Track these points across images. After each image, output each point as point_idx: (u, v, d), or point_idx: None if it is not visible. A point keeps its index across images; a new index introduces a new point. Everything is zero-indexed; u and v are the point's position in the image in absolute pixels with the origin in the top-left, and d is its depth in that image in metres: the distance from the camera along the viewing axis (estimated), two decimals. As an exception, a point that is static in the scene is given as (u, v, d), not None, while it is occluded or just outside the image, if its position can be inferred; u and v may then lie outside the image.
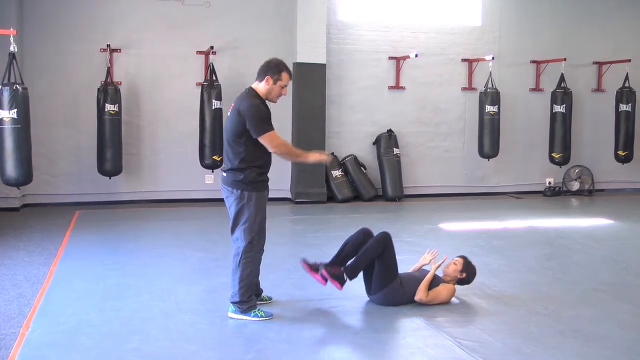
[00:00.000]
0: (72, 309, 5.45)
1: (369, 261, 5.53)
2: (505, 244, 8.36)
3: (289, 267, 6.83)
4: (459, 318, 5.40)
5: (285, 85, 5.31)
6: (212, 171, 10.69)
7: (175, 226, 9.22)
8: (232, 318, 5.26)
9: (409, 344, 4.88)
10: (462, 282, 5.83)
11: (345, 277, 5.53)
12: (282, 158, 5.33)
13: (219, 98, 10.33)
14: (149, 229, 9.03)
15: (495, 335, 5.00)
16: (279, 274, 6.56)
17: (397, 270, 5.62)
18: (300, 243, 8.33)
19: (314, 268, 5.63)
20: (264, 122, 5.14)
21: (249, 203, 5.25)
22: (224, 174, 5.34)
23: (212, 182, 10.99)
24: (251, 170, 5.23)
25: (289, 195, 11.40)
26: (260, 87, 5.28)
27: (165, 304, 5.64)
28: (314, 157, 5.39)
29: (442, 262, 5.82)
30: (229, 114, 5.30)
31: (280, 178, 11.35)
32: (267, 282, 6.29)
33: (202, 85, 10.44)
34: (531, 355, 4.62)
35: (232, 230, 5.37)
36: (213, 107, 10.28)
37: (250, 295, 5.32)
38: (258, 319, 5.21)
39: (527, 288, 6.32)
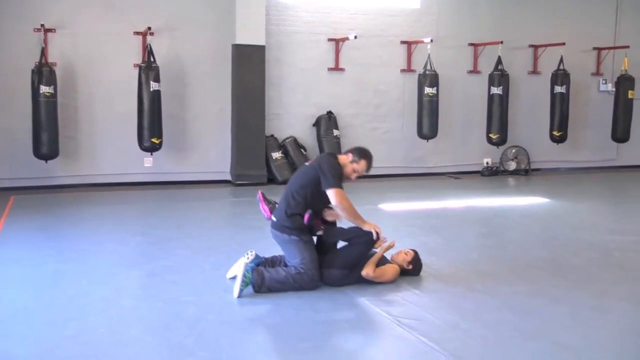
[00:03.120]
0: (7, 297, 5.32)
1: (349, 240, 5.68)
2: (444, 223, 8.50)
3: (230, 249, 6.80)
4: (398, 297, 5.47)
5: (357, 172, 5.70)
6: (151, 154, 10.54)
7: (114, 210, 9.08)
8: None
9: (348, 323, 4.92)
10: (406, 272, 5.92)
11: (317, 231, 5.73)
12: (341, 213, 5.62)
13: (157, 80, 10.17)
14: (87, 213, 8.88)
15: (433, 312, 5.09)
16: (220, 256, 6.53)
17: (358, 264, 5.69)
18: (240, 225, 8.30)
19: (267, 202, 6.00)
20: (336, 178, 5.53)
21: (299, 244, 5.56)
22: (274, 219, 5.72)
23: (151, 165, 10.85)
24: (297, 217, 5.59)
25: (229, 178, 11.33)
26: (343, 157, 5.75)
27: (104, 289, 5.56)
28: (370, 225, 5.62)
29: (390, 245, 5.89)
30: (306, 164, 5.86)
31: (220, 160, 11.29)
32: (208, 264, 6.29)
33: (140, 67, 10.25)
34: (469, 331, 4.72)
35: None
36: (151, 89, 10.12)
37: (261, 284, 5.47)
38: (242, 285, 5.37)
39: (465, 266, 6.44)
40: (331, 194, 5.50)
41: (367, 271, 5.64)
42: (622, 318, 5.11)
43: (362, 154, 5.74)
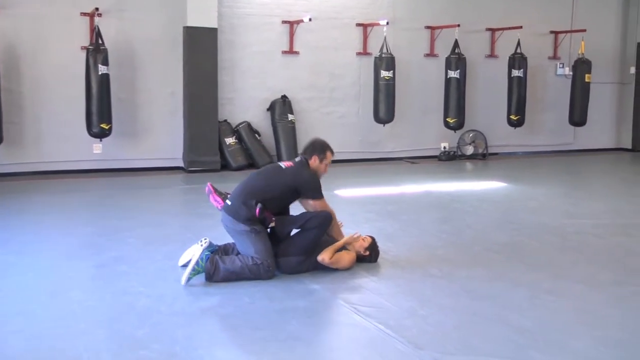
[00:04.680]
0: (-52, 290, 5.21)
1: (302, 226, 5.67)
2: (401, 209, 8.54)
3: (183, 238, 6.73)
4: (355, 284, 5.49)
5: (328, 164, 6.01)
6: (100, 140, 10.37)
7: (61, 199, 8.92)
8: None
9: (304, 311, 4.91)
10: (363, 259, 5.94)
11: (269, 223, 5.70)
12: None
13: (105, 63, 10.01)
14: (33, 203, 8.71)
15: (390, 299, 5.12)
16: (172, 245, 6.46)
17: (315, 248, 5.70)
18: (193, 213, 8.25)
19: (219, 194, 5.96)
20: (320, 190, 5.85)
21: (251, 236, 5.57)
22: (229, 202, 5.70)
23: (100, 151, 10.67)
24: (252, 207, 5.57)
25: (181, 164, 11.23)
26: (311, 163, 5.91)
27: (51, 282, 5.47)
28: (345, 239, 5.91)
29: (355, 237, 5.91)
30: (281, 165, 5.94)
31: (172, 146, 11.18)
32: (160, 254, 6.23)
33: (88, 50, 10.07)
34: (426, 317, 4.76)
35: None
36: (100, 73, 9.95)
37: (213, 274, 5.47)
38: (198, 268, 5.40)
39: (422, 251, 6.49)
40: (317, 205, 5.77)
41: (323, 256, 5.64)
42: (578, 300, 5.21)
43: (321, 147, 5.94)
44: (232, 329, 4.64)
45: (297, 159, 6.00)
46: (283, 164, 5.93)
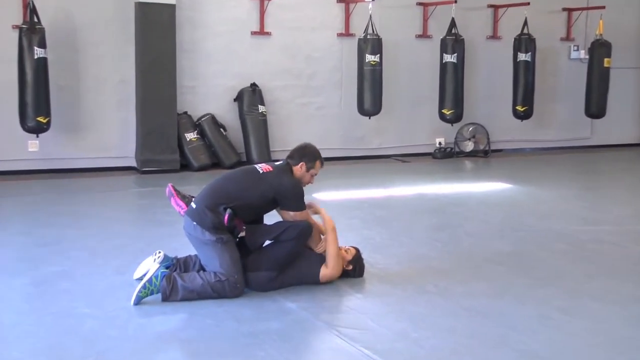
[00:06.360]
0: None
1: (277, 237, 5.70)
2: (390, 214, 8.58)
3: (136, 249, 6.71)
4: (337, 302, 5.51)
5: (315, 174, 6.07)
6: (37, 136, 10.31)
7: (-9, 205, 8.89)
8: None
9: (278, 335, 4.89)
10: (346, 274, 5.94)
11: (239, 233, 5.71)
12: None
13: (42, 45, 9.95)
14: (-42, 209, 8.67)
15: (379, 320, 5.13)
16: (124, 258, 6.45)
17: (287, 264, 5.72)
18: (148, 220, 8.23)
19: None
20: (302, 201, 5.89)
21: (216, 246, 5.57)
22: (194, 205, 5.73)
23: (36, 149, 10.60)
24: (219, 214, 5.58)
25: (133, 164, 11.20)
26: (296, 169, 5.96)
27: (-21, 301, 5.45)
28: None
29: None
30: (258, 169, 5.85)
31: (122, 143, 11.14)
32: (109, 268, 6.21)
33: (21, 29, 10.00)
34: (420, 340, 4.77)
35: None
36: (35, 56, 9.90)
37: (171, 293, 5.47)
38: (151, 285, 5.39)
39: (415, 264, 6.52)
40: (299, 217, 5.81)
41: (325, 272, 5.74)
42: (594, 320, 5.24)
43: (312, 155, 5.99)
44: (193, 356, 4.63)
45: (277, 163, 6.01)
46: (260, 168, 5.89)
